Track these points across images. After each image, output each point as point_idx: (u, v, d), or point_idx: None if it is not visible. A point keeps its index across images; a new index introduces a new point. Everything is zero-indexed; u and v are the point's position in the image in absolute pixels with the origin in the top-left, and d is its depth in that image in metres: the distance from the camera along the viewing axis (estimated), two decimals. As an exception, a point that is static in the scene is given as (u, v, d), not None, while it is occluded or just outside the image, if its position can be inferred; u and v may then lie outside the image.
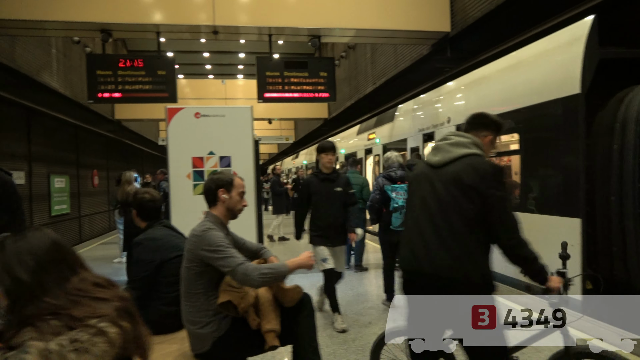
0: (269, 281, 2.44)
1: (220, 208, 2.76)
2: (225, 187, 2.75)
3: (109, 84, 7.29)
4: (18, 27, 7.02)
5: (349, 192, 4.83)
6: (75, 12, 6.92)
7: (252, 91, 16.38)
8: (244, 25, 7.49)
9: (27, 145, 11.66)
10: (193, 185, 4.65)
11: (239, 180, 2.85)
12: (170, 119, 4.61)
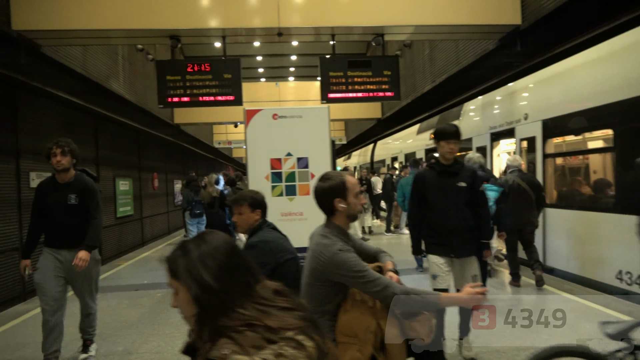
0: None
1: (340, 218, 2.51)
2: (340, 196, 2.47)
3: (178, 89, 7.46)
4: (87, 37, 7.31)
5: (477, 189, 3.89)
6: (145, 20, 7.12)
7: (303, 93, 16.48)
8: (307, 26, 7.46)
9: (95, 149, 12.19)
10: (271, 186, 4.65)
11: (351, 179, 2.56)
12: (249, 120, 4.63)
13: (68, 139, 4.15)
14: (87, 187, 4.04)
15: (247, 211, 3.05)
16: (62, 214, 3.93)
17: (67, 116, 10.71)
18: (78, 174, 4.12)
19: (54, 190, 4.01)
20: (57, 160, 3.92)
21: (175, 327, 4.03)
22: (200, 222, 7.41)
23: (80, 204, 3.97)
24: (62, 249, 3.95)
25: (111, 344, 3.64)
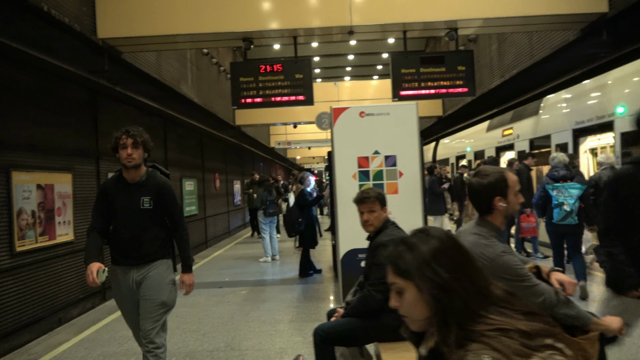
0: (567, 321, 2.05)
1: (497, 217, 2.32)
2: (501, 194, 2.29)
3: (251, 90, 7.57)
4: (163, 42, 7.57)
5: None
6: (219, 24, 7.28)
7: (361, 92, 16.34)
8: (379, 24, 7.36)
9: (164, 151, 12.65)
10: (359, 185, 4.59)
11: (512, 176, 2.35)
12: (336, 119, 4.60)
13: (140, 128, 3.43)
14: (163, 187, 3.33)
15: (378, 208, 2.98)
16: (133, 222, 3.26)
17: (141, 120, 11.16)
18: (151, 172, 3.41)
19: (123, 193, 3.30)
20: (127, 153, 3.19)
21: (270, 325, 4.06)
22: (272, 222, 7.50)
23: (155, 208, 3.27)
24: (130, 267, 3.29)
25: (212, 340, 3.71)
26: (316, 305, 4.75)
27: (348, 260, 4.64)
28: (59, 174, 7.91)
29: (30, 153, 7.24)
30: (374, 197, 2.99)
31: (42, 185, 7.52)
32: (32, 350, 3.61)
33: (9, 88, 6.85)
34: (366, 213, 2.99)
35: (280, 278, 6.12)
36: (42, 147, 7.48)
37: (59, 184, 7.92)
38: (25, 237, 7.07)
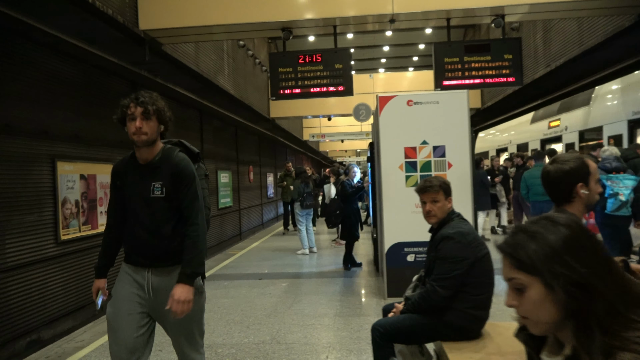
0: None
1: (577, 205, 2.18)
2: (583, 180, 2.16)
3: (290, 81, 7.49)
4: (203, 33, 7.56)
5: None
6: (259, 13, 7.21)
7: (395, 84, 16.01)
8: (422, 11, 7.13)
9: (200, 143, 12.75)
10: (405, 176, 4.44)
11: (592, 163, 2.26)
12: (382, 108, 4.45)
13: (154, 93, 2.74)
14: (177, 168, 2.57)
15: (442, 198, 2.81)
16: (145, 213, 2.58)
17: (178, 112, 11.27)
18: (168, 150, 2.66)
19: (134, 176, 2.65)
20: (136, 126, 2.53)
21: (315, 319, 3.98)
22: (309, 214, 7.43)
23: (168, 196, 2.56)
24: (144, 268, 2.63)
25: (257, 332, 3.65)
26: (359, 299, 4.64)
27: (393, 254, 4.50)
28: (101, 165, 8.06)
29: (74, 144, 7.38)
30: (438, 186, 2.80)
31: (85, 176, 7.68)
32: (79, 338, 3.64)
33: (55, 80, 6.99)
34: (429, 203, 2.80)
35: (320, 271, 6.03)
36: (85, 138, 7.62)
37: (101, 175, 8.07)
38: (69, 226, 7.24)
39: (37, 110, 6.59)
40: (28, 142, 6.39)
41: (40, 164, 6.64)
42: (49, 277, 6.68)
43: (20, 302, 6.12)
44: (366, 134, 17.77)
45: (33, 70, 6.53)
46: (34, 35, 6.25)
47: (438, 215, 2.76)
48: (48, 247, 6.71)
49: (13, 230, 6.05)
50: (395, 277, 4.53)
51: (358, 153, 32.33)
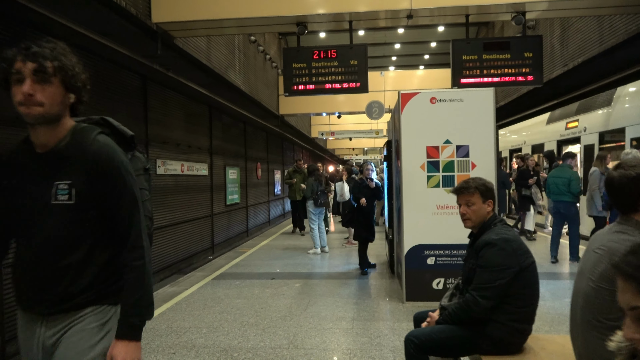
0: None
1: None
2: None
3: (304, 76, 7.35)
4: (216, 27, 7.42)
5: None
6: (274, 7, 7.07)
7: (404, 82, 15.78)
8: (440, 6, 6.96)
9: (208, 139, 12.65)
10: (427, 176, 4.28)
11: None
12: (404, 105, 4.30)
13: (59, 43, 1.78)
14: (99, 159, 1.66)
15: (479, 201, 2.57)
16: (39, 229, 1.64)
17: (187, 107, 11.17)
18: (81, 130, 1.73)
19: (25, 172, 1.71)
20: (24, 92, 1.62)
21: (332, 322, 3.85)
22: (321, 212, 7.24)
23: (82, 203, 1.64)
24: (40, 320, 1.66)
25: (273, 336, 3.52)
26: (376, 302, 4.50)
27: (413, 257, 4.36)
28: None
29: (84, 137, 7.28)
30: (474, 188, 2.57)
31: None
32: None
33: (66, 72, 6.88)
34: (463, 205, 2.61)
35: (333, 271, 5.89)
36: (96, 132, 7.51)
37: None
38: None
39: (47, 102, 6.48)
40: (38, 135, 6.29)
41: (49, 158, 6.54)
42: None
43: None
44: (376, 132, 17.61)
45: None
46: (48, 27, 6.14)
47: (472, 219, 2.57)
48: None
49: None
50: (414, 280, 4.39)
51: (365, 151, 32.17)
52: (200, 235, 11.97)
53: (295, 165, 11.94)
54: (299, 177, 11.31)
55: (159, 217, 9.68)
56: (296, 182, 11.30)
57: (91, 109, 6.10)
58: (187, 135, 11.14)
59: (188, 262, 11.05)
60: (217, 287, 5.40)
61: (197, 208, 11.68)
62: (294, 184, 11.47)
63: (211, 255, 12.17)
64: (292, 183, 11.62)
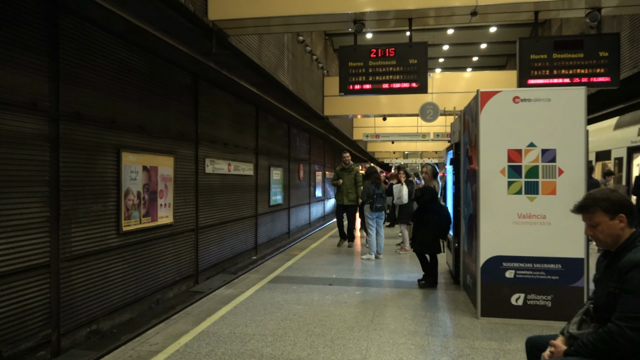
0: None
1: None
2: None
3: (360, 76, 7.12)
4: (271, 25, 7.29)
5: None
6: (330, 4, 6.88)
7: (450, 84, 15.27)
8: (509, 2, 6.59)
9: (255, 139, 12.61)
10: (508, 182, 3.95)
11: None
12: (484, 105, 3.99)
13: None
14: None
15: (604, 219, 2.20)
16: None
17: (235, 107, 11.15)
18: None
19: None
20: None
21: (405, 336, 3.58)
22: (379, 217, 6.91)
23: None
24: None
25: (344, 349, 3.28)
26: (448, 316, 4.19)
27: (489, 269, 4.03)
28: (163, 157, 7.97)
29: (138, 134, 7.31)
30: (593, 206, 2.21)
31: (148, 167, 7.59)
32: (152, 340, 3.42)
33: (123, 69, 6.91)
34: (588, 227, 2.22)
35: (391, 279, 5.59)
36: (149, 129, 7.54)
37: (162, 167, 7.98)
38: (131, 218, 7.16)
39: (105, 99, 6.52)
40: (95, 131, 6.33)
41: (105, 154, 6.58)
42: (109, 268, 6.62)
43: (83, 291, 6.06)
44: (422, 135, 17.16)
45: (103, 59, 6.46)
46: (108, 22, 6.16)
47: (603, 240, 2.18)
48: (110, 238, 6.65)
49: (79, 219, 5.99)
50: (491, 294, 4.06)
51: (406, 155, 31.61)
52: (245, 235, 11.93)
53: (342, 161, 9.42)
54: (347, 177, 9.06)
55: (207, 216, 9.66)
56: (344, 184, 9.14)
57: (145, 106, 6.16)
58: (234, 134, 11.11)
59: (232, 262, 11.01)
60: (275, 291, 5.23)
61: (243, 208, 11.65)
62: (341, 185, 9.21)
63: (255, 256, 12.11)
64: (338, 184, 9.31)
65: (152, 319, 6.81)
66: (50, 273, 5.51)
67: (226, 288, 5.17)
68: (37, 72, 5.28)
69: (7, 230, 4.87)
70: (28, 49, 5.14)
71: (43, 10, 5.35)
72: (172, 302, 8.09)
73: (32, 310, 5.25)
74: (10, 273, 4.92)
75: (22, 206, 5.08)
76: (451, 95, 14.92)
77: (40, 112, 5.33)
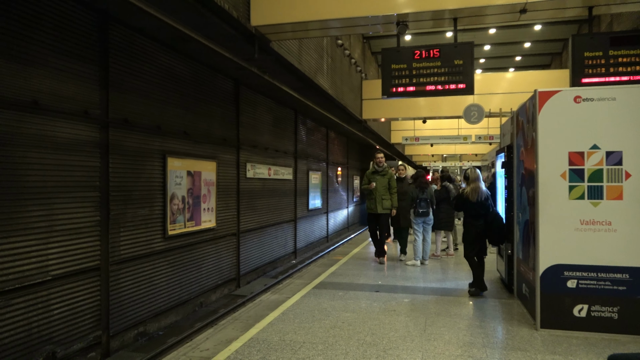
0: None
1: None
2: None
3: (404, 78, 6.98)
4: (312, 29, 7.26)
5: None
6: (372, 7, 6.80)
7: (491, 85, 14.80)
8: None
9: (294, 144, 12.63)
10: (569, 187, 3.73)
11: None
12: (542, 105, 3.79)
13: None
14: None
15: None
16: None
17: (275, 111, 11.21)
18: None
19: None
20: None
21: (461, 348, 3.42)
22: (426, 222, 6.67)
23: None
24: None
25: (397, 358, 3.17)
26: (504, 327, 3.99)
27: (549, 278, 3.82)
28: (206, 162, 8.08)
29: (183, 140, 7.43)
30: None
31: (192, 172, 7.71)
32: (202, 346, 3.41)
33: (168, 76, 7.04)
34: None
35: (440, 287, 5.40)
36: (193, 135, 7.65)
37: (206, 172, 8.09)
38: (176, 222, 7.27)
39: (151, 106, 6.66)
40: (142, 138, 6.46)
41: (152, 159, 6.71)
42: (155, 271, 6.74)
43: (130, 294, 6.18)
44: (464, 138, 16.75)
45: (149, 67, 6.60)
46: (154, 31, 6.29)
47: None
48: (156, 242, 6.77)
49: (127, 223, 6.12)
50: (551, 305, 3.84)
51: (444, 158, 30.99)
52: (284, 239, 11.95)
53: (375, 162, 7.85)
54: (380, 181, 7.51)
55: (248, 220, 9.72)
56: (376, 189, 7.54)
57: (189, 112, 6.21)
58: (274, 139, 11.16)
59: (272, 266, 11.04)
60: (321, 297, 5.16)
61: (282, 212, 11.68)
62: (373, 190, 7.56)
63: (294, 260, 12.11)
64: (369, 189, 7.62)
65: (196, 322, 6.88)
66: (100, 276, 5.64)
67: (272, 293, 5.14)
68: (88, 81, 5.44)
69: (60, 234, 5.01)
70: (80, 58, 5.30)
71: (94, 21, 5.51)
72: (214, 305, 8.16)
73: (83, 312, 5.39)
74: (64, 276, 5.06)
75: (74, 211, 5.23)
76: (493, 97, 14.50)
77: (91, 119, 5.47)
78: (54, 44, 4.93)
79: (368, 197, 7.67)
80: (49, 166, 4.85)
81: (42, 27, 4.79)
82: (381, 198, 7.42)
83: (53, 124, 4.90)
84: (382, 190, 7.45)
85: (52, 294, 4.91)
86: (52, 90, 4.91)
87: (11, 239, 4.47)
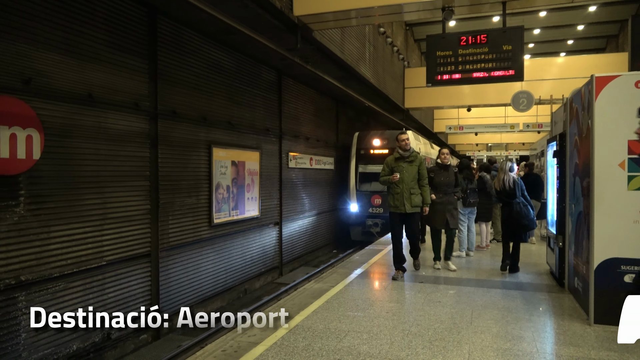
0: None
1: None
2: None
3: (449, 65, 6.81)
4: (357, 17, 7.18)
5: None
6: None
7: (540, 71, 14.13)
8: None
9: (335, 133, 12.62)
10: (628, 177, 3.54)
11: None
12: (599, 91, 3.61)
13: None
14: None
15: None
16: None
17: (317, 101, 11.21)
18: None
19: None
20: None
21: (509, 341, 3.34)
22: (472, 212, 6.56)
23: None
24: None
25: (445, 352, 3.13)
26: (555, 322, 3.86)
27: (605, 272, 3.65)
28: (250, 152, 8.21)
29: (227, 131, 7.58)
30: None
31: (236, 162, 7.86)
32: (249, 332, 3.50)
33: (214, 68, 7.17)
34: None
35: (485, 278, 5.29)
36: (237, 126, 7.78)
37: (249, 162, 8.23)
38: (221, 210, 7.45)
39: (197, 97, 6.82)
40: (189, 129, 6.64)
41: (198, 150, 6.89)
42: (201, 258, 6.94)
43: (178, 279, 6.40)
44: (511, 126, 16.19)
45: (195, 59, 6.75)
46: (201, 24, 6.41)
47: None
48: (202, 230, 6.96)
49: (175, 212, 6.33)
50: (605, 299, 3.68)
51: (489, 147, 30.12)
52: (326, 228, 12.01)
53: (398, 147, 5.57)
54: (407, 170, 5.42)
55: (290, 209, 9.83)
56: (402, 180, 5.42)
57: (233, 103, 6.27)
58: (316, 129, 11.19)
59: (314, 255, 11.14)
60: (364, 286, 5.17)
61: (323, 202, 11.72)
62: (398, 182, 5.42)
63: (335, 249, 12.15)
64: (392, 181, 5.45)
65: (241, 308, 7.05)
66: (151, 262, 5.88)
67: (315, 282, 5.19)
68: (138, 74, 5.63)
69: (114, 221, 5.25)
70: (131, 52, 5.49)
71: (144, 15, 5.68)
72: (258, 292, 8.33)
73: (135, 296, 5.63)
74: (118, 261, 5.30)
75: (127, 199, 5.45)
76: (542, 83, 13.89)
77: (141, 111, 5.67)
78: (106, 38, 5.12)
79: (390, 193, 5.60)
80: (102, 156, 5.07)
81: (94, 22, 4.99)
82: (409, 192, 5.44)
83: (106, 115, 5.11)
84: (411, 182, 5.47)
85: (106, 278, 5.16)
86: (105, 83, 5.12)
87: (70, 225, 4.72)
